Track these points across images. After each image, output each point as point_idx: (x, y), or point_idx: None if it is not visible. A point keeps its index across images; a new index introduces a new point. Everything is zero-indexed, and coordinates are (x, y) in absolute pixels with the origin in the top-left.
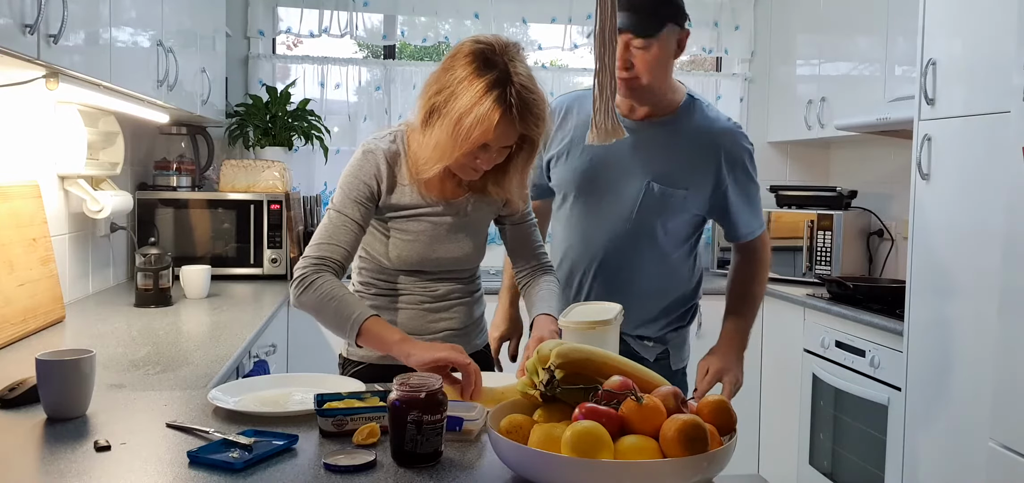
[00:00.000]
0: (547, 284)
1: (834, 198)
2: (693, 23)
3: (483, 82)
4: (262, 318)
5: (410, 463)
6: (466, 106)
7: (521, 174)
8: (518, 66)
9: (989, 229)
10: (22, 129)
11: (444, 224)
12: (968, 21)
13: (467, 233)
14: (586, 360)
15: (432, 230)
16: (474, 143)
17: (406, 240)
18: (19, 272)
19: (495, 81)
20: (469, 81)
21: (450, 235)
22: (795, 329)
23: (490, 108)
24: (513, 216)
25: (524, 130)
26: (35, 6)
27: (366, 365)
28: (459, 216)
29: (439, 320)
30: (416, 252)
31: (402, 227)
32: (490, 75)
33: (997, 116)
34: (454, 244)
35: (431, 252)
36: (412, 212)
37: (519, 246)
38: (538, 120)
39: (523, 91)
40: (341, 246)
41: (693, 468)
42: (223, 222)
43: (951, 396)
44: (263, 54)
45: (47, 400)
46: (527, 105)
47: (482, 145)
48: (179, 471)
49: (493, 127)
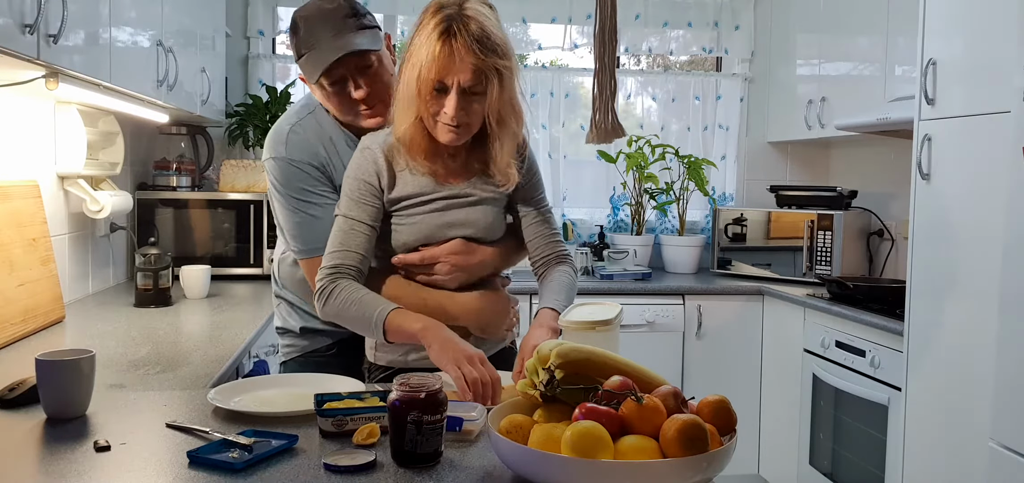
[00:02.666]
0: (558, 275)
1: (834, 198)
2: (693, 23)
3: (433, 21)
4: (262, 318)
5: (410, 463)
6: (417, 48)
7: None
8: (469, 3)
9: (989, 229)
10: (22, 129)
11: (448, 208)
12: (968, 21)
13: (474, 217)
14: (586, 360)
15: (437, 217)
16: (427, 84)
17: (411, 225)
18: (19, 272)
19: (442, 18)
20: (422, 27)
21: (456, 219)
22: (795, 329)
23: (433, 39)
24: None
25: (474, 60)
26: (35, 6)
27: (393, 370)
28: (463, 199)
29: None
30: (421, 236)
31: (407, 216)
32: (439, 15)
33: (997, 116)
34: (461, 229)
35: (437, 236)
36: (415, 199)
37: (530, 235)
38: (486, 48)
39: (467, 20)
40: (351, 250)
41: (693, 468)
42: (223, 222)
43: (951, 396)
44: (263, 54)
45: (47, 400)
46: (470, 33)
47: (439, 87)
48: (179, 471)
49: (436, 56)
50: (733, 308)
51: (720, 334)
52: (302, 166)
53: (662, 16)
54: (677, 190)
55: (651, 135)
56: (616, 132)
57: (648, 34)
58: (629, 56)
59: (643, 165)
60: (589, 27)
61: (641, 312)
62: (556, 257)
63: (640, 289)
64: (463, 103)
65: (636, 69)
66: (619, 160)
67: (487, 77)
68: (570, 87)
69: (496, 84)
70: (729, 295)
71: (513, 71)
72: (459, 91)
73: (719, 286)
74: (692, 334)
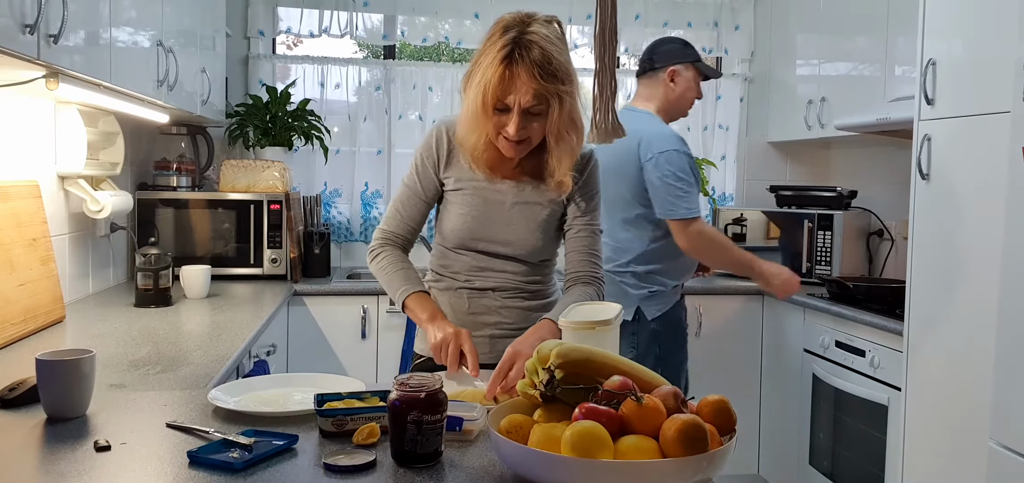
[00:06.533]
0: (578, 293)
1: (834, 198)
2: (693, 23)
3: (499, 44)
4: (262, 318)
5: (410, 463)
6: (483, 68)
7: (555, 139)
8: (533, 26)
9: (989, 229)
10: (22, 129)
11: (497, 202)
12: (968, 21)
13: (521, 217)
14: (586, 360)
15: (483, 206)
16: (490, 103)
17: (460, 212)
18: (19, 272)
19: (508, 41)
20: (489, 46)
21: (502, 215)
22: (795, 329)
23: (496, 62)
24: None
25: (533, 84)
26: (35, 6)
27: (426, 359)
28: (514, 197)
29: (488, 314)
30: (466, 227)
31: (457, 199)
32: (506, 37)
33: (997, 116)
34: (506, 226)
35: (481, 229)
36: (467, 183)
37: (570, 247)
38: (547, 74)
39: (530, 46)
40: (402, 216)
41: (693, 468)
42: (223, 222)
43: (951, 396)
44: (263, 54)
45: (47, 400)
46: (532, 58)
47: (502, 108)
48: (179, 471)
49: (498, 80)
50: (733, 308)
51: (720, 334)
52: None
53: (662, 16)
54: None
55: None
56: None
57: (648, 34)
58: (629, 56)
59: None
60: (589, 27)
61: None
62: (588, 277)
63: None
64: (524, 122)
65: (636, 69)
66: None
67: (548, 100)
68: None
69: (557, 106)
70: (729, 295)
71: (574, 94)
72: (520, 111)
73: (719, 286)
74: (692, 334)
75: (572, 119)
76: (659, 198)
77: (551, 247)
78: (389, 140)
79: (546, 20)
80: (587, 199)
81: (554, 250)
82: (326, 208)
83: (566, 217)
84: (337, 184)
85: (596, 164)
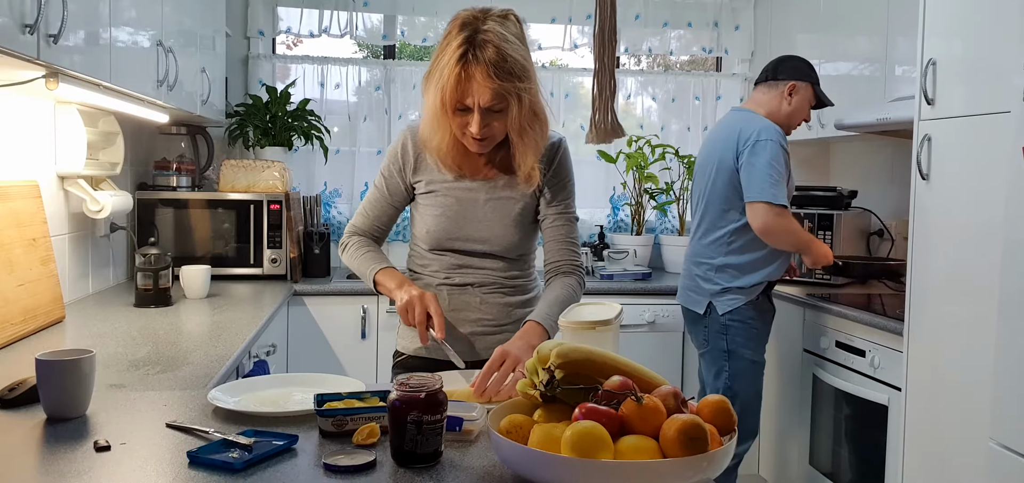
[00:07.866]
0: (559, 288)
1: (834, 198)
2: (693, 23)
3: (454, 44)
4: (262, 318)
5: (410, 463)
6: (440, 68)
7: (519, 135)
8: (488, 23)
9: (989, 229)
10: (22, 129)
11: (470, 200)
12: (968, 21)
13: (495, 213)
14: (586, 360)
15: (457, 205)
16: (449, 104)
17: (434, 214)
18: (19, 272)
19: (462, 41)
20: (444, 46)
21: (476, 213)
22: (795, 329)
23: (452, 63)
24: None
25: (490, 84)
26: (35, 6)
27: (407, 356)
28: (487, 194)
29: (469, 310)
30: (441, 227)
31: (430, 201)
32: (461, 37)
33: (997, 116)
34: (481, 223)
35: (457, 228)
36: (438, 185)
37: (548, 237)
38: (503, 72)
39: (484, 45)
40: (368, 215)
41: (693, 468)
42: (223, 222)
43: (951, 396)
44: (263, 54)
45: (47, 400)
46: (487, 57)
47: (462, 108)
48: (179, 471)
49: (454, 82)
50: None
51: None
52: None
53: (662, 16)
54: (677, 190)
55: (651, 135)
56: (616, 132)
57: (648, 34)
58: (629, 56)
59: (643, 165)
60: (589, 27)
61: (641, 312)
62: (567, 266)
63: (640, 289)
64: (486, 120)
65: (636, 69)
66: (619, 160)
67: (506, 98)
68: (570, 87)
69: (515, 104)
70: None
71: (533, 88)
72: (481, 111)
73: None
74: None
75: (534, 112)
76: (753, 179)
77: (528, 241)
78: (389, 140)
79: (501, 15)
80: (559, 188)
81: (532, 244)
82: (326, 208)
83: (539, 206)
84: (337, 184)
85: (565, 152)
